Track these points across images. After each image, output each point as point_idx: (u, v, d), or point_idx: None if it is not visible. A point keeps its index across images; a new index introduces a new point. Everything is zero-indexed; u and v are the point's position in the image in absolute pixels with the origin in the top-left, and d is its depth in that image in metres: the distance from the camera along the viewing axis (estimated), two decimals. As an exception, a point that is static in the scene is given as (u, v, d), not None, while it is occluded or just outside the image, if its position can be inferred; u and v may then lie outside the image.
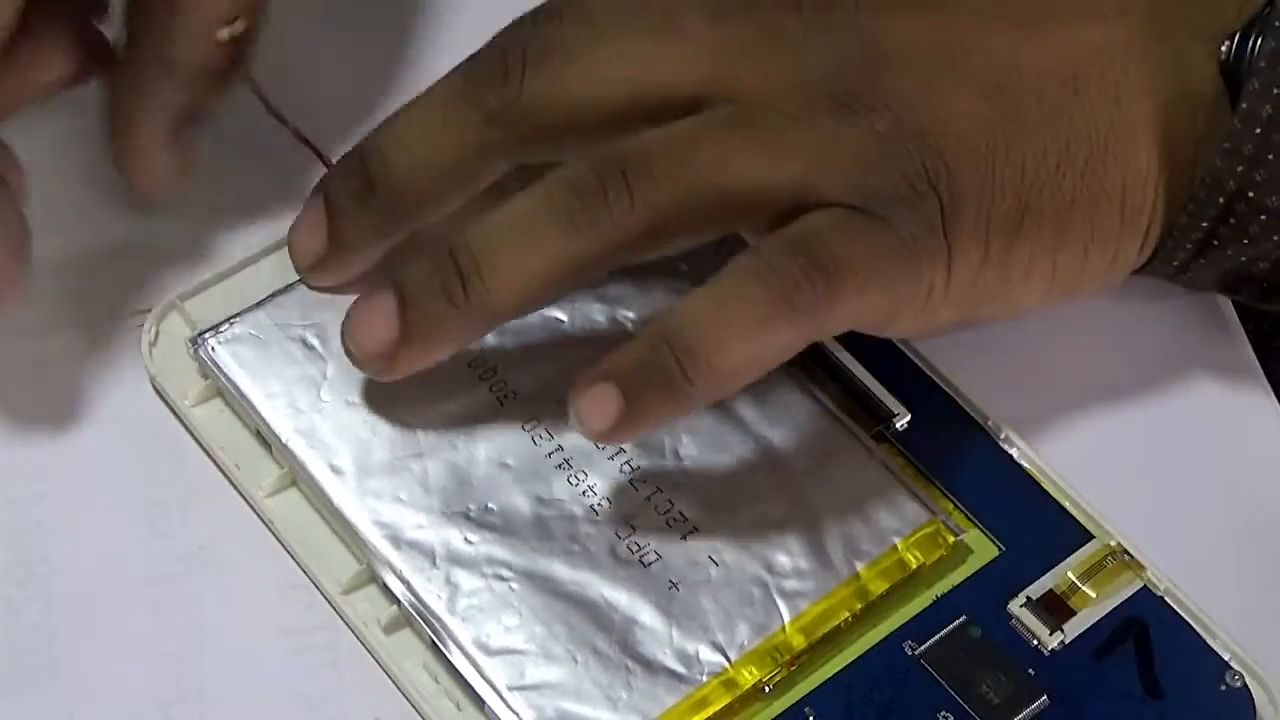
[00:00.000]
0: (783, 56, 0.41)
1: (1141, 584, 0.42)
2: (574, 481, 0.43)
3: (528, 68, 0.42)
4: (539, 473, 0.43)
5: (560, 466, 0.43)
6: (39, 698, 0.41)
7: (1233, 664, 0.41)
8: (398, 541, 0.42)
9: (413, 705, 0.41)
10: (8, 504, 0.44)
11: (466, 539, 0.42)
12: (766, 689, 0.41)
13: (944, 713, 0.41)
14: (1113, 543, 0.43)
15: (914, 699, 0.41)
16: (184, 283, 0.46)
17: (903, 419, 0.44)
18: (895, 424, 0.44)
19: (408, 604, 0.41)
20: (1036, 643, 0.42)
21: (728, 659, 0.41)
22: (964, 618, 0.42)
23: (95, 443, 0.45)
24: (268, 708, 0.41)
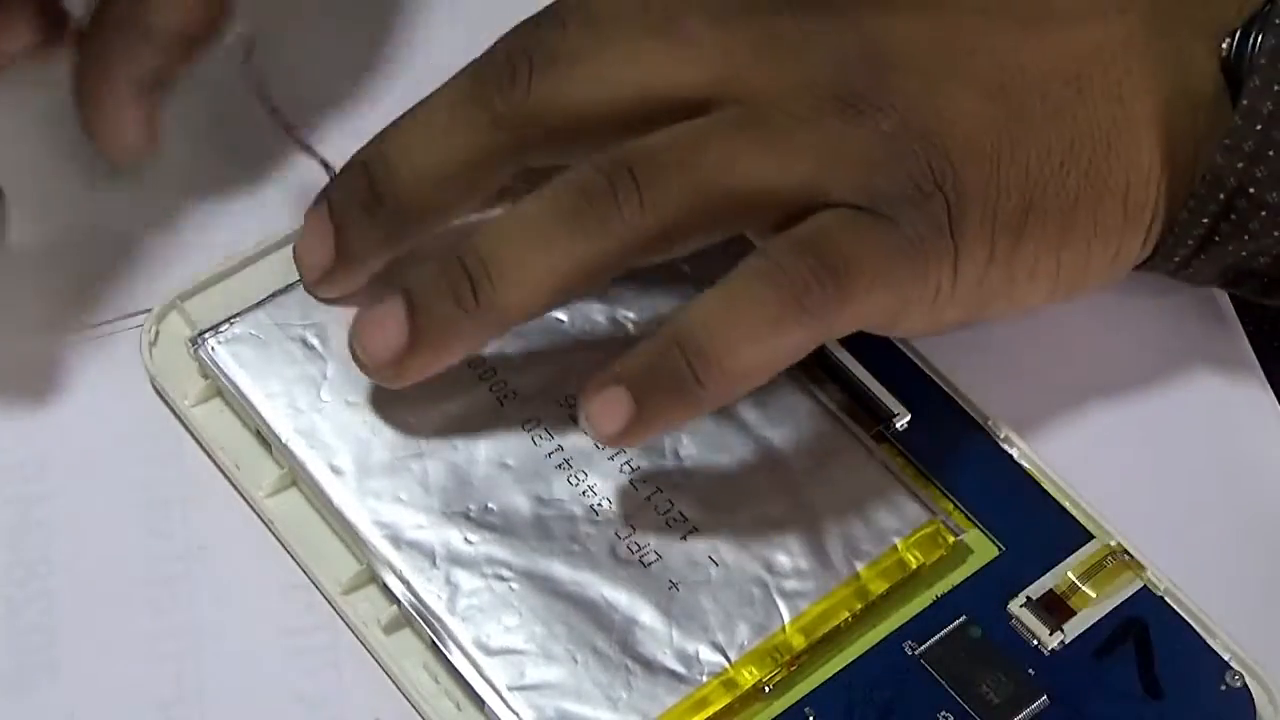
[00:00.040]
0: (788, 58, 0.41)
1: (1141, 584, 0.42)
2: (574, 481, 0.43)
3: (534, 71, 0.42)
4: (539, 473, 0.43)
5: (560, 466, 0.43)
6: (39, 698, 0.41)
7: (1233, 664, 0.41)
8: (398, 541, 0.42)
9: (413, 705, 0.41)
10: (8, 504, 0.44)
11: (466, 539, 0.42)
12: (766, 689, 0.41)
13: (944, 713, 0.41)
14: (1113, 543, 0.43)
15: (914, 699, 0.41)
16: (184, 283, 0.46)
17: (903, 419, 0.44)
18: (895, 424, 0.44)
19: (408, 604, 0.41)
20: (1036, 643, 0.41)
21: (728, 659, 0.41)
22: (964, 618, 0.42)
23: (95, 443, 0.45)
24: (268, 708, 0.41)
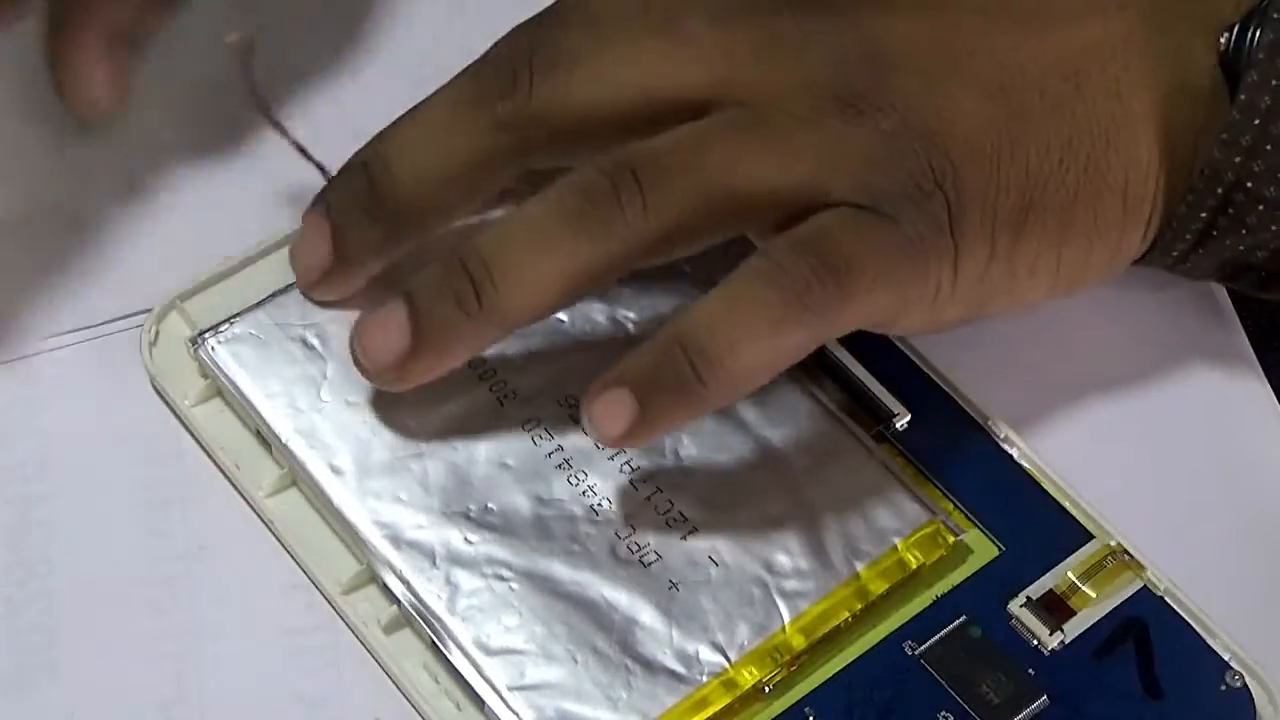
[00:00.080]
0: (788, 58, 0.41)
1: (1141, 584, 0.42)
2: (574, 481, 0.43)
3: (535, 73, 0.41)
4: (539, 473, 0.43)
5: (560, 466, 0.43)
6: (39, 698, 0.41)
7: (1233, 664, 0.41)
8: (398, 541, 0.42)
9: (413, 705, 0.41)
10: (8, 504, 0.44)
11: (466, 539, 0.42)
12: (766, 689, 0.41)
13: (944, 713, 0.41)
14: (1113, 543, 0.43)
15: (914, 699, 0.41)
16: (184, 283, 0.46)
17: (903, 419, 0.44)
18: (895, 424, 0.44)
19: (408, 604, 0.41)
20: (1036, 643, 0.41)
21: (728, 659, 0.41)
22: (964, 618, 0.42)
23: (95, 442, 0.45)
24: (268, 708, 0.42)
